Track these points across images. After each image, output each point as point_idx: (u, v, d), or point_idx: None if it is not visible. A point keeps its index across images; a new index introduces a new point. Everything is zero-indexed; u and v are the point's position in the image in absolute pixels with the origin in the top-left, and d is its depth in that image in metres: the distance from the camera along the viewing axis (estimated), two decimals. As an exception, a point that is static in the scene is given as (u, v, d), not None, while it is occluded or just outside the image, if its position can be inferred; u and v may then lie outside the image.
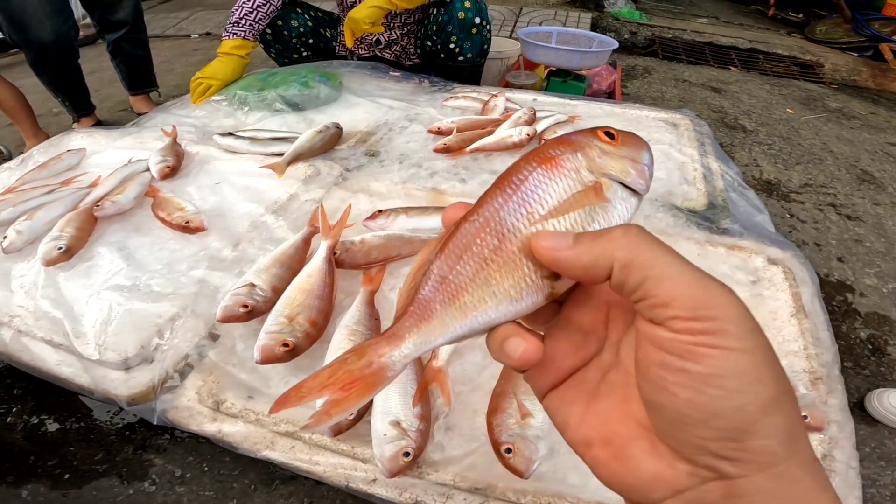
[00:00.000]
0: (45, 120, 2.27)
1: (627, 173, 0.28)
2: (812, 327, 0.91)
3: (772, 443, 0.21)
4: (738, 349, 0.20)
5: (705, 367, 0.21)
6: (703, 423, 0.21)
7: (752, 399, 0.20)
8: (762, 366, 0.21)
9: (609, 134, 0.30)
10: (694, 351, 0.21)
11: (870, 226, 1.65)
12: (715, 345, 0.20)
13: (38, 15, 1.68)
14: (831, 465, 0.73)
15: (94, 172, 1.27)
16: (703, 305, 0.21)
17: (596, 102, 1.73)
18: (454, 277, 0.27)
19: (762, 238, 1.09)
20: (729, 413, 0.20)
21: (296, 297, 0.83)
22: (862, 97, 2.76)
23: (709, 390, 0.21)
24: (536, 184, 0.28)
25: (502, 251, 0.27)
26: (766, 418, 0.20)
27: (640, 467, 0.24)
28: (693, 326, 0.21)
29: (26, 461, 0.92)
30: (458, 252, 0.28)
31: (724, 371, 0.20)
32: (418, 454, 0.69)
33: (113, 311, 0.90)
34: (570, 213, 0.27)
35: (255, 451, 0.73)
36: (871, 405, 1.05)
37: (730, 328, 0.21)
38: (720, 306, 0.21)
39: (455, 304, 0.27)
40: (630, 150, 0.29)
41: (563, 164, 0.28)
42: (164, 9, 4.41)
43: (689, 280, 0.21)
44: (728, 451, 0.21)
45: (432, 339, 0.27)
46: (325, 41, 2.03)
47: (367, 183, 1.25)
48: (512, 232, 0.27)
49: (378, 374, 0.27)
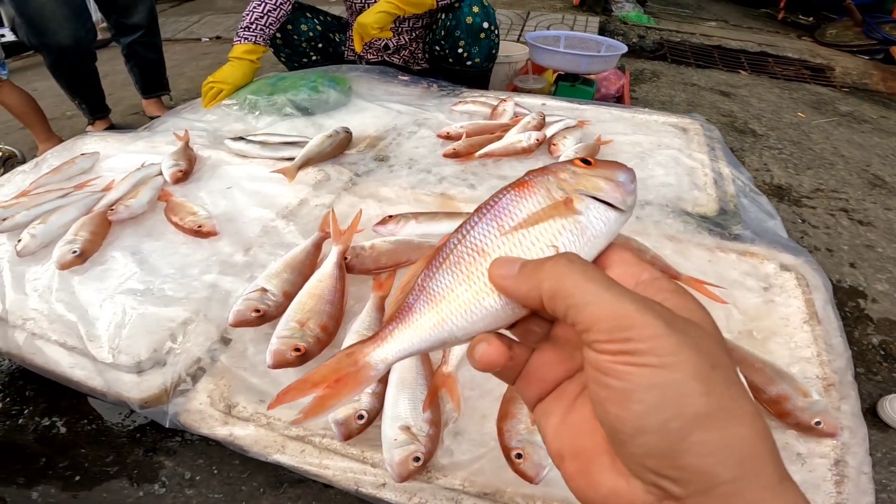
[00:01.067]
0: (58, 123, 2.30)
1: (599, 189, 0.29)
2: (825, 333, 0.90)
3: (706, 461, 0.20)
4: (656, 365, 0.21)
5: (625, 383, 0.21)
6: (633, 440, 0.21)
7: (675, 414, 0.20)
8: (687, 381, 0.20)
9: (586, 161, 0.31)
10: (613, 369, 0.22)
11: (881, 231, 1.64)
12: (632, 362, 0.21)
13: (56, 18, 1.70)
14: (844, 471, 0.73)
15: (108, 176, 1.28)
16: (617, 327, 0.22)
17: (605, 107, 1.73)
18: (433, 287, 0.29)
19: (774, 244, 1.08)
20: (653, 429, 0.20)
21: (307, 302, 0.84)
22: (873, 101, 2.74)
23: (632, 406, 0.21)
24: (508, 203, 0.30)
25: (475, 266, 0.29)
26: (695, 435, 0.20)
27: (600, 482, 0.24)
28: (611, 347, 0.22)
29: (37, 462, 0.93)
30: (437, 265, 0.30)
31: (640, 386, 0.21)
32: (428, 459, 0.69)
33: (126, 315, 0.90)
34: (539, 224, 0.28)
35: (265, 455, 0.74)
36: (883, 411, 1.04)
37: (644, 346, 0.21)
38: (636, 326, 0.21)
39: (433, 312, 0.29)
40: (605, 171, 0.30)
41: (534, 184, 0.30)
42: (174, 13, 4.46)
43: (606, 304, 0.22)
44: (665, 469, 0.21)
45: (413, 344, 0.29)
46: (334, 45, 2.04)
47: (377, 188, 1.25)
48: (482, 248, 0.29)
49: (361, 373, 0.29)
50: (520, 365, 0.29)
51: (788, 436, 0.76)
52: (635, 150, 1.45)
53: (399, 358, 0.30)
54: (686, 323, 0.22)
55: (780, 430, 0.77)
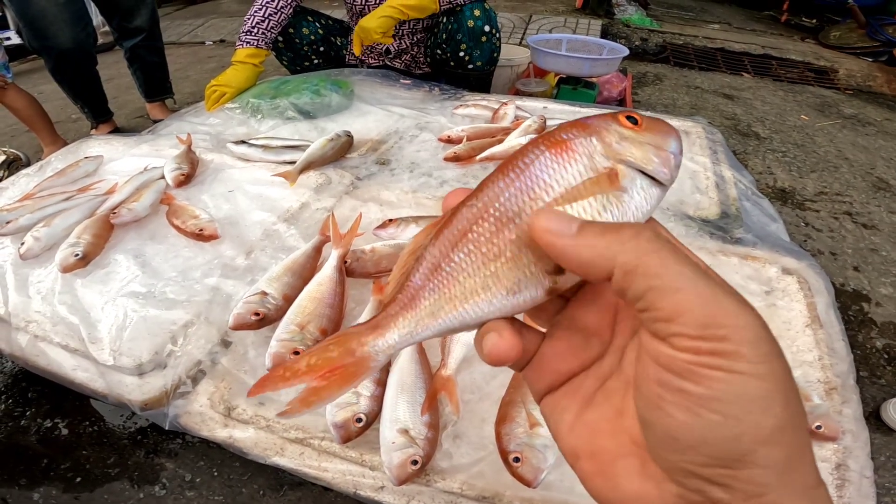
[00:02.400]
0: (63, 126, 2.32)
1: (649, 161, 0.26)
2: (827, 337, 0.90)
3: (766, 473, 0.19)
4: (748, 374, 0.19)
5: (705, 390, 0.19)
6: (694, 448, 0.20)
7: (752, 429, 0.19)
8: (773, 393, 0.19)
9: (632, 119, 0.27)
10: (695, 371, 0.19)
11: (886, 234, 1.63)
12: (720, 367, 0.19)
13: (57, 22, 1.71)
14: (845, 475, 0.73)
15: (111, 179, 1.29)
16: (713, 324, 0.19)
17: (607, 110, 1.72)
18: (447, 266, 0.25)
19: (776, 247, 1.07)
20: (723, 442, 0.19)
21: (307, 306, 0.84)
22: (877, 103, 2.72)
23: (706, 414, 0.19)
24: (543, 168, 0.25)
25: (500, 239, 0.25)
26: (763, 449, 0.19)
27: (624, 486, 0.23)
28: (699, 346, 0.19)
29: (39, 464, 0.93)
30: (452, 239, 0.26)
31: (726, 396, 0.19)
32: (426, 462, 0.69)
33: (128, 318, 0.91)
34: (579, 201, 0.25)
35: (264, 458, 0.74)
36: (886, 414, 1.04)
37: (741, 350, 0.19)
38: (734, 326, 0.19)
39: (446, 294, 0.25)
40: (654, 137, 0.26)
41: (575, 148, 0.25)
42: (179, 16, 4.49)
43: (700, 294, 0.19)
44: (719, 476, 0.19)
45: (420, 330, 0.26)
46: (335, 49, 2.05)
47: (378, 192, 1.25)
48: (512, 219, 0.25)
49: (360, 363, 0.26)
50: (530, 353, 0.27)
51: (790, 440, 0.76)
52: (637, 153, 1.44)
53: (402, 347, 0.26)
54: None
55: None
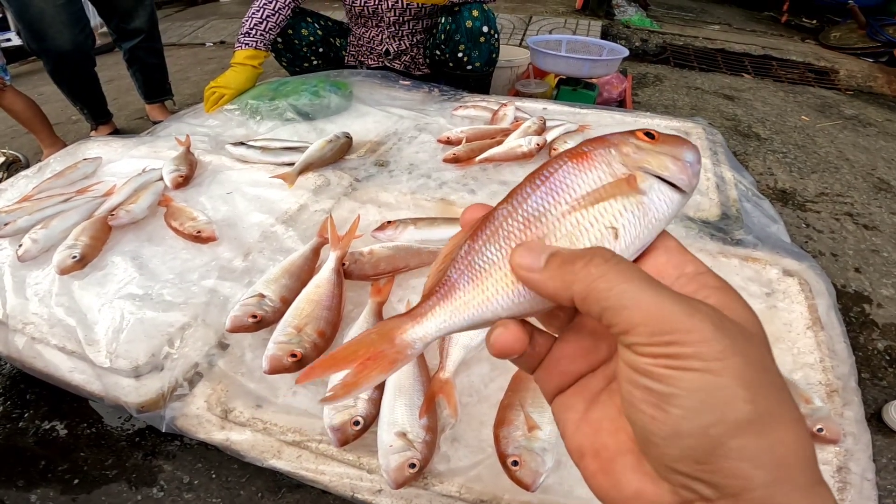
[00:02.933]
0: (63, 128, 2.32)
1: (666, 167, 0.28)
2: (828, 339, 0.89)
3: (745, 466, 0.19)
4: (701, 369, 0.20)
5: (666, 387, 0.20)
6: (668, 443, 0.21)
7: (717, 420, 0.20)
8: (735, 386, 0.20)
9: (649, 134, 0.29)
10: (655, 372, 0.21)
11: (887, 235, 1.62)
12: (675, 366, 0.20)
13: (56, 24, 1.72)
14: (847, 477, 0.72)
15: (110, 181, 1.28)
16: (659, 330, 0.21)
17: (606, 111, 1.72)
18: (479, 260, 0.27)
19: (777, 249, 1.07)
20: (691, 433, 0.20)
21: (304, 308, 0.84)
22: (878, 104, 2.72)
23: (671, 409, 0.20)
24: (565, 175, 0.27)
25: (529, 236, 0.27)
26: (735, 440, 0.19)
27: (624, 483, 0.24)
28: (652, 350, 0.21)
29: (37, 465, 0.93)
30: (485, 237, 0.28)
31: (683, 390, 0.20)
32: (424, 465, 0.68)
33: (125, 320, 0.90)
34: (600, 203, 0.26)
35: (261, 460, 0.74)
36: (888, 416, 1.04)
37: (689, 350, 0.20)
38: (681, 330, 0.20)
39: (480, 287, 0.27)
40: (671, 148, 0.28)
41: (595, 157, 0.28)
42: (179, 17, 4.50)
43: (645, 306, 0.21)
44: (698, 472, 0.20)
45: (455, 320, 0.27)
46: (334, 50, 2.05)
47: (377, 193, 1.25)
48: (538, 218, 0.27)
49: (399, 351, 0.27)
50: (541, 355, 0.28)
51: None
52: (637, 155, 1.44)
53: (438, 336, 0.28)
54: (733, 325, 0.21)
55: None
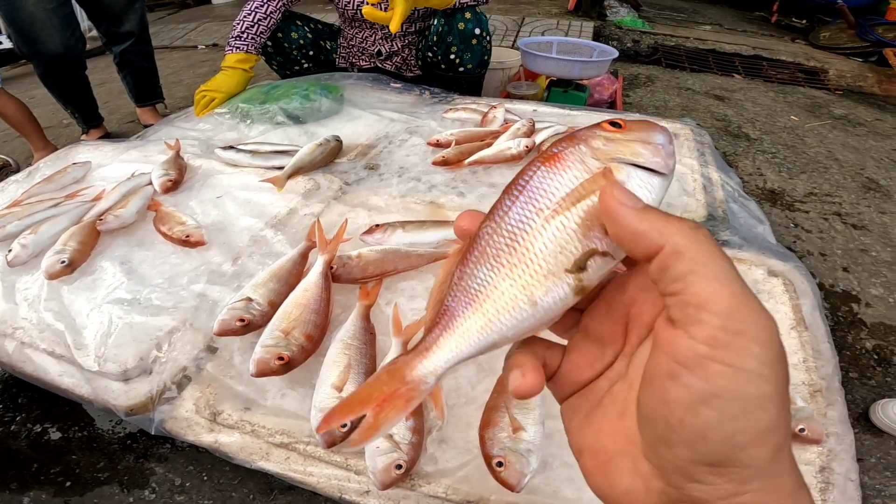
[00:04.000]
0: (54, 132, 2.31)
1: (638, 154, 0.27)
2: (812, 339, 0.90)
3: (748, 473, 0.20)
4: (754, 372, 0.19)
5: (709, 386, 0.20)
6: (688, 445, 0.21)
7: (746, 427, 0.20)
8: (773, 395, 0.20)
9: (615, 124, 0.28)
10: (705, 365, 0.20)
11: (876, 235, 1.63)
12: (730, 363, 0.19)
13: (46, 28, 1.71)
14: (830, 478, 0.73)
15: (99, 185, 1.28)
16: (737, 316, 0.20)
17: (597, 113, 1.73)
18: (474, 284, 0.27)
19: (763, 249, 1.08)
20: (717, 439, 0.20)
21: (292, 312, 0.84)
22: (868, 103, 2.73)
23: (704, 411, 0.20)
24: (541, 180, 0.27)
25: (517, 250, 0.26)
26: (752, 449, 0.20)
27: (617, 482, 0.25)
28: (717, 336, 0.20)
29: (30, 468, 0.94)
30: (475, 258, 0.27)
31: (727, 393, 0.19)
32: (410, 467, 0.69)
33: (113, 325, 0.91)
34: (582, 202, 0.26)
35: (250, 462, 0.74)
36: (876, 416, 1.04)
37: (754, 349, 0.19)
38: (753, 323, 0.20)
39: (480, 310, 0.27)
40: (639, 133, 0.28)
41: (567, 157, 0.27)
42: (172, 20, 4.50)
43: (732, 290, 0.20)
44: (702, 474, 0.21)
45: (463, 348, 0.27)
46: (325, 53, 2.05)
47: (367, 197, 1.25)
48: (523, 230, 0.26)
49: (412, 388, 0.27)
50: (552, 368, 0.29)
51: (773, 442, 0.76)
52: (626, 156, 1.45)
53: (449, 367, 0.27)
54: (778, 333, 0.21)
55: (766, 437, 0.77)
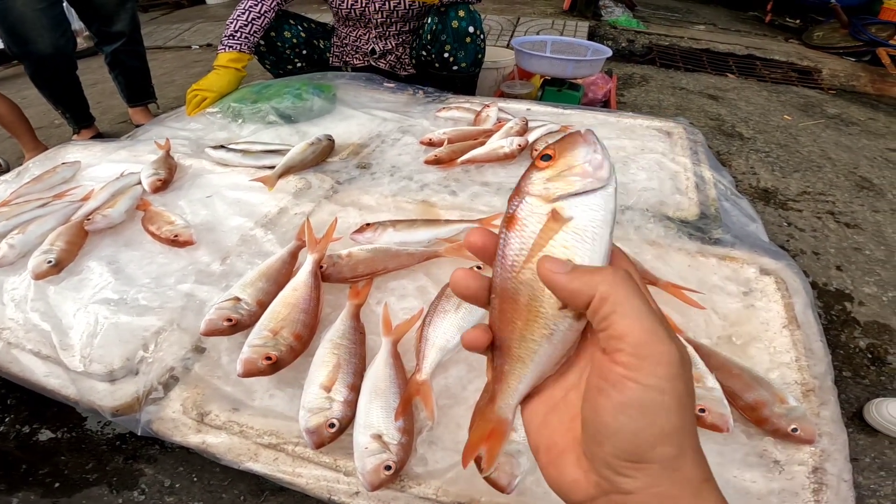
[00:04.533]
0: (45, 132, 2.30)
1: (572, 184, 0.30)
2: (804, 338, 0.90)
3: (659, 468, 0.26)
4: (656, 388, 0.25)
5: (624, 397, 0.26)
6: (610, 441, 0.26)
7: (651, 429, 0.25)
8: (671, 405, 0.25)
9: (546, 156, 0.32)
10: (621, 382, 0.26)
11: (869, 234, 1.64)
12: (638, 381, 0.26)
13: (36, 28, 1.70)
14: (823, 479, 0.71)
15: (88, 185, 1.27)
16: (642, 350, 0.26)
17: (590, 112, 1.73)
18: (507, 339, 0.32)
19: (755, 248, 1.07)
20: (628, 435, 0.26)
21: (281, 311, 0.83)
22: (861, 102, 2.75)
23: (621, 417, 0.26)
24: (512, 244, 0.31)
25: (520, 308, 0.31)
26: (659, 447, 0.26)
27: (566, 473, 0.30)
28: (629, 361, 0.26)
29: (18, 469, 0.93)
30: (500, 322, 0.32)
31: (632, 402, 0.26)
32: (400, 468, 0.68)
33: (99, 325, 0.90)
34: (546, 247, 0.30)
35: (238, 463, 0.73)
36: (870, 415, 1.04)
37: (657, 370, 0.25)
38: (656, 352, 0.26)
39: (517, 356, 0.32)
40: (566, 160, 0.31)
41: (520, 215, 0.31)
42: (165, 20, 4.48)
43: (643, 325, 0.26)
44: (626, 468, 0.26)
45: (518, 385, 0.32)
46: (318, 52, 2.04)
47: (358, 196, 1.24)
48: (516, 291, 0.31)
49: (500, 422, 0.34)
50: None
51: (766, 442, 0.75)
52: (619, 155, 1.44)
53: (517, 400, 0.33)
54: (686, 354, 0.27)
55: (758, 437, 0.76)
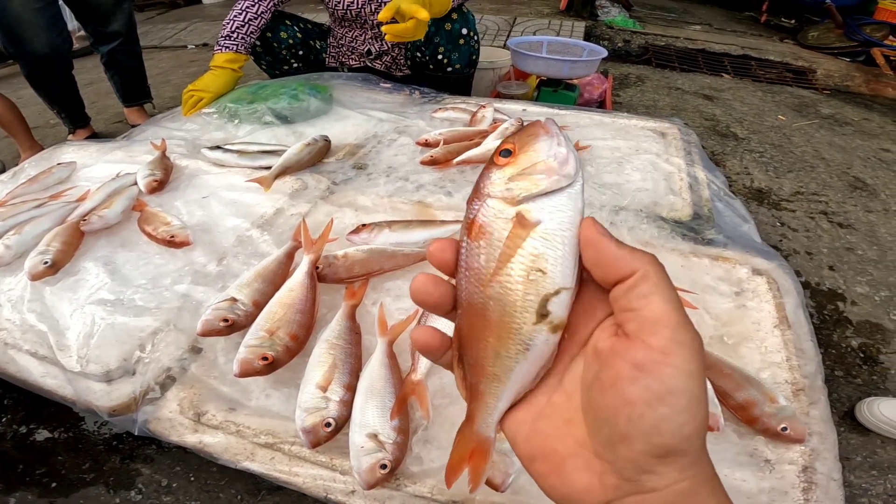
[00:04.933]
0: (41, 132, 2.29)
1: (537, 183, 0.27)
2: (795, 338, 0.90)
3: (687, 461, 0.24)
4: (695, 374, 0.24)
5: (664, 385, 0.24)
6: (645, 438, 0.24)
7: (691, 419, 0.24)
8: (704, 394, 0.24)
9: (506, 152, 0.29)
10: (659, 368, 0.24)
11: (862, 234, 1.65)
12: (676, 366, 0.24)
13: (32, 27, 1.70)
14: (812, 478, 0.72)
15: (84, 186, 1.27)
16: (680, 335, 0.24)
17: (585, 112, 1.74)
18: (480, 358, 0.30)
19: (747, 248, 1.08)
20: (670, 431, 0.24)
21: (277, 312, 0.84)
22: (855, 103, 2.76)
23: (660, 407, 0.24)
24: (476, 254, 0.28)
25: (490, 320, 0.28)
26: (694, 438, 0.24)
27: (573, 481, 0.28)
28: (667, 346, 0.24)
29: (15, 469, 0.93)
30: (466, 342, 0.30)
31: (677, 390, 0.24)
32: (395, 467, 0.69)
33: (96, 325, 0.90)
34: (513, 260, 0.27)
35: (235, 462, 0.74)
36: (862, 414, 1.04)
37: (693, 356, 0.24)
38: (692, 338, 0.25)
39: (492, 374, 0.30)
40: (528, 156, 0.28)
41: (482, 220, 0.28)
42: (161, 20, 4.47)
43: (678, 311, 0.25)
44: (654, 464, 0.24)
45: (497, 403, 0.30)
46: (315, 53, 2.04)
47: (354, 197, 1.25)
48: (484, 307, 0.28)
49: (481, 441, 0.32)
50: None
51: (757, 441, 0.76)
52: (614, 156, 1.45)
53: (497, 417, 0.31)
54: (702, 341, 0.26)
55: (749, 436, 0.77)
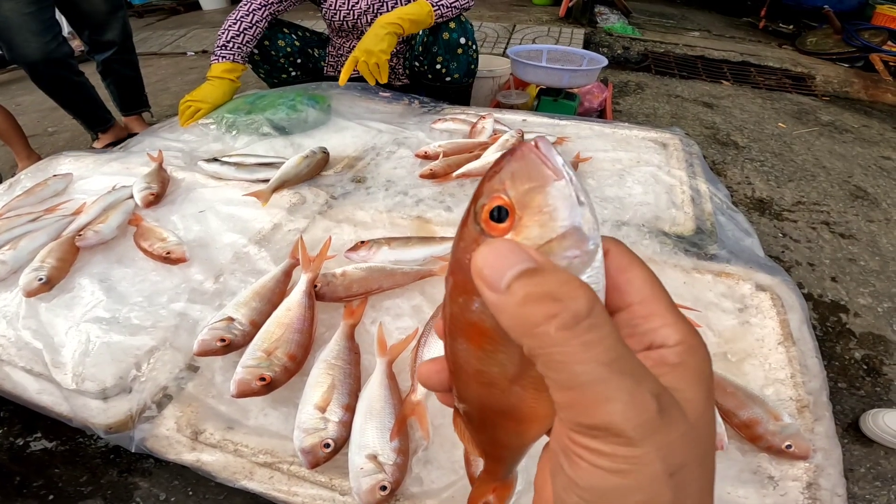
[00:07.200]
0: (39, 140, 2.29)
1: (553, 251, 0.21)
2: (799, 355, 0.90)
3: None
4: (611, 471, 0.19)
5: (578, 477, 0.20)
6: None
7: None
8: (637, 489, 0.19)
9: (499, 212, 0.21)
10: (573, 461, 0.20)
11: (864, 244, 1.64)
12: (590, 461, 0.20)
13: (22, 33, 1.68)
14: (817, 494, 0.72)
15: (80, 198, 1.26)
16: (589, 422, 0.19)
17: (585, 122, 1.73)
18: (496, 440, 0.29)
19: (750, 264, 1.08)
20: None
21: (274, 331, 0.83)
22: (854, 109, 2.76)
23: (570, 497, 0.20)
24: (472, 362, 0.24)
25: (493, 387, 0.24)
26: None
27: None
28: (578, 439, 0.20)
29: (12, 482, 0.93)
30: (478, 427, 0.28)
31: (586, 486, 0.20)
32: (395, 488, 0.68)
33: (91, 344, 0.89)
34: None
35: (233, 481, 0.73)
36: (865, 426, 1.04)
37: (608, 449, 0.19)
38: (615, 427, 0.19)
39: (491, 432, 0.28)
40: (538, 219, 0.21)
41: (485, 325, 0.22)
42: (160, 26, 4.47)
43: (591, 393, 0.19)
44: None
45: (520, 461, 0.30)
46: (313, 61, 2.03)
47: (353, 212, 1.23)
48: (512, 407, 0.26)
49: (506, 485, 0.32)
50: None
51: (761, 458, 0.76)
52: (615, 168, 1.45)
53: (512, 469, 0.31)
54: (670, 423, 0.19)
55: (753, 453, 0.77)
